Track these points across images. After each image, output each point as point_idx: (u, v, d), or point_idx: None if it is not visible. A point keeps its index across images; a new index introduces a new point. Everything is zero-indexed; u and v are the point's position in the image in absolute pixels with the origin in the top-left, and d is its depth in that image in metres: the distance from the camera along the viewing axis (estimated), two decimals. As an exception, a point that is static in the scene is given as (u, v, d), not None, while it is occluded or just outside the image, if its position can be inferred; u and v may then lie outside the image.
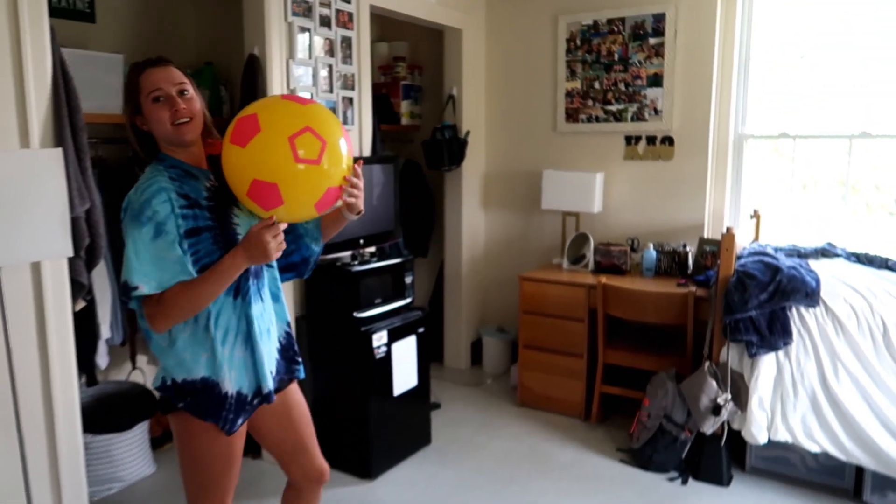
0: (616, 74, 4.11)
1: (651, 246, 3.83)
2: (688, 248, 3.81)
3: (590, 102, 4.22)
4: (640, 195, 4.12)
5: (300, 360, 1.97)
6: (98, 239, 2.46)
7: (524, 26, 4.40)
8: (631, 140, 4.12)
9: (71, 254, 2.07)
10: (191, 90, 1.71)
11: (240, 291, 1.75)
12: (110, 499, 2.95)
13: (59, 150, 2.02)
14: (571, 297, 3.73)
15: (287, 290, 3.16)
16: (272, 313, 1.86)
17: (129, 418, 3.03)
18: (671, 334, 3.67)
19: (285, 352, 1.92)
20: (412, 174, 4.60)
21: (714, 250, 3.64)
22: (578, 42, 4.20)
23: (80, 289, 2.44)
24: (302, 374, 1.97)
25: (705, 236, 3.91)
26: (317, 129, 1.57)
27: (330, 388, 3.19)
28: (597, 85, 4.18)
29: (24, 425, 2.18)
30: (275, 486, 3.07)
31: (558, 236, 4.37)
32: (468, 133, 4.34)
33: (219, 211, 1.72)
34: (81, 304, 2.53)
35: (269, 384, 1.80)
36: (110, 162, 3.15)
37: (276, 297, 1.89)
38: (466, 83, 4.39)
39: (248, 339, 1.76)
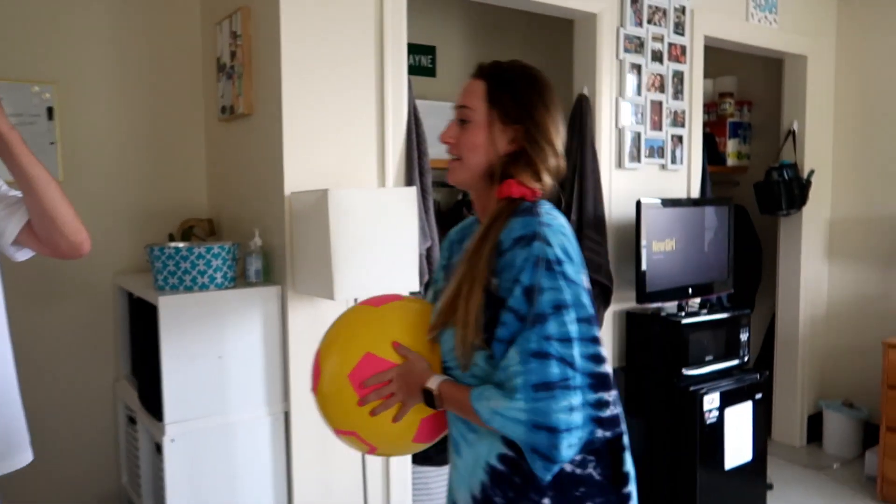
0: None
1: None
2: None
3: (984, 131, 3.38)
4: None
5: None
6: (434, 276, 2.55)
7: (885, 48, 3.73)
8: None
9: (418, 288, 2.15)
10: (477, 116, 1.26)
11: None
12: (426, 531, 3.02)
13: (414, 189, 2.13)
14: (962, 375, 2.95)
15: (605, 337, 2.99)
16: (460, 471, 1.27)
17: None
18: None
19: None
20: (739, 220, 4.13)
21: None
22: (968, 59, 3.42)
23: (418, 323, 2.54)
24: None
25: None
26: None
27: (649, 451, 2.91)
28: None
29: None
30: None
31: (934, 297, 3.53)
32: (812, 173, 3.77)
33: None
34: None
35: None
36: (442, 206, 3.32)
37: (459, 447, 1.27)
38: (810, 117, 3.84)
39: None
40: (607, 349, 2.96)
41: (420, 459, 2.99)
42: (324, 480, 2.32)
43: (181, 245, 2.16)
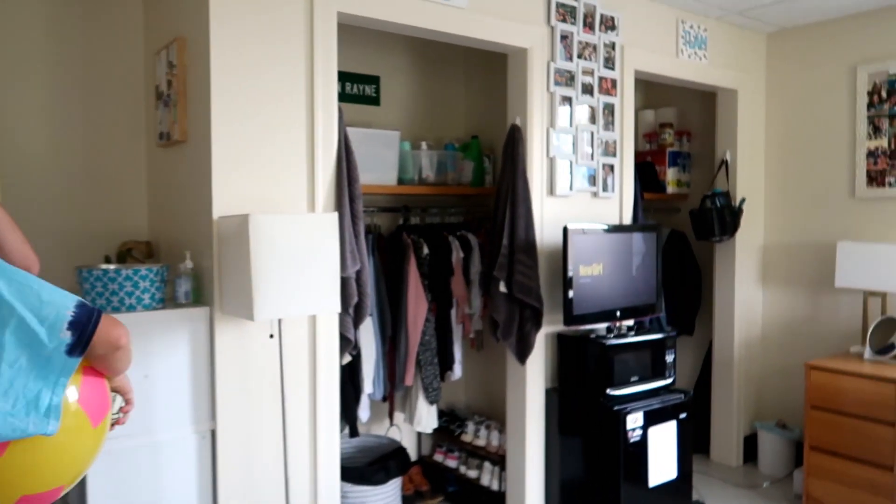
0: (936, 129, 3.44)
1: None
2: None
3: (900, 163, 3.57)
4: (975, 274, 3.32)
5: None
6: (365, 298, 2.63)
7: (812, 82, 3.93)
8: (959, 206, 3.37)
9: (338, 310, 2.23)
10: None
11: None
12: (362, 550, 3.05)
13: (335, 215, 2.22)
14: (876, 394, 3.08)
15: (537, 359, 3.08)
16: None
17: (385, 473, 3.14)
18: None
19: None
20: (678, 246, 4.28)
21: None
22: (884, 94, 3.61)
23: (347, 343, 2.62)
24: None
25: None
26: None
27: (578, 469, 2.99)
28: (909, 142, 3.53)
29: (290, 462, 2.36)
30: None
31: (857, 320, 3.68)
32: (743, 200, 3.93)
33: None
34: (347, 359, 2.71)
35: None
36: (383, 230, 3.42)
37: None
38: (742, 147, 4.02)
39: None
40: (539, 370, 3.07)
41: (355, 479, 3.05)
42: (250, 497, 2.37)
43: (110, 267, 2.22)
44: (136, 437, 2.16)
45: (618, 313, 3.11)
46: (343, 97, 2.56)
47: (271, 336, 2.35)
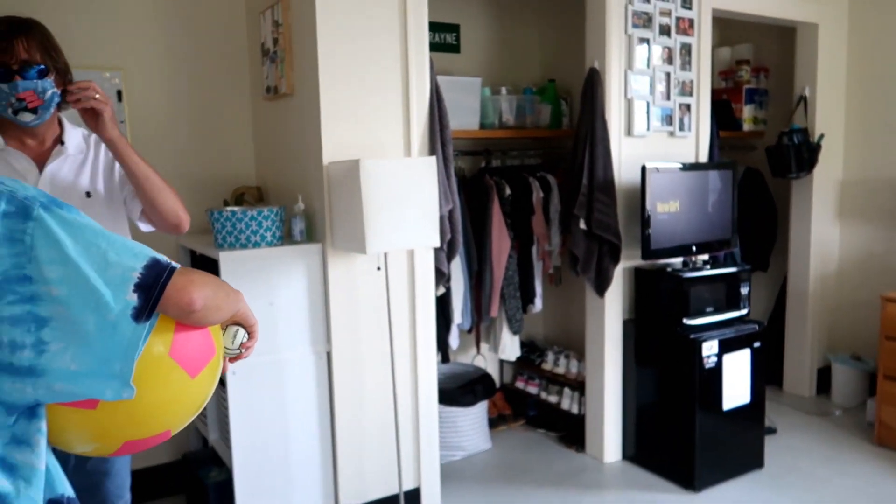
0: None
1: None
2: None
3: None
4: None
5: None
6: (457, 235, 2.87)
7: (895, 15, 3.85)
8: None
9: (437, 245, 2.47)
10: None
11: None
12: (454, 464, 3.38)
13: (433, 158, 2.44)
14: (953, 325, 3.15)
15: (615, 292, 3.27)
16: None
17: (473, 396, 3.43)
18: None
19: None
20: (754, 183, 4.33)
21: None
22: (975, 23, 3.53)
23: (441, 276, 2.87)
24: None
25: None
26: None
27: (656, 395, 3.20)
28: None
29: (397, 385, 2.66)
30: (594, 480, 3.19)
31: (938, 254, 3.70)
32: (822, 137, 3.94)
33: None
34: (441, 290, 2.97)
35: None
36: (466, 172, 3.62)
37: None
38: (821, 83, 4.00)
39: None
40: (616, 302, 3.26)
41: (447, 401, 3.35)
42: (361, 410, 2.69)
43: (236, 209, 2.52)
44: (265, 355, 2.49)
45: (693, 248, 3.25)
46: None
47: (378, 268, 2.62)
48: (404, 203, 2.37)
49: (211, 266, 2.49)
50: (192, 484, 2.86)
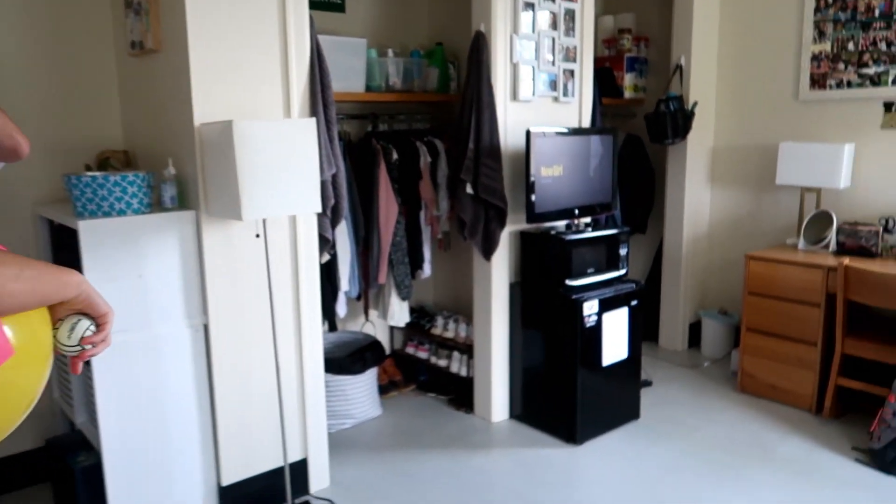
0: (876, 33, 3.64)
1: (910, 227, 3.36)
2: (959, 231, 3.28)
3: (841, 66, 3.78)
4: (900, 170, 3.62)
5: None
6: (341, 200, 2.79)
7: (765, -13, 4.07)
8: (892, 107, 3.63)
9: (319, 210, 2.39)
10: None
11: None
12: (344, 433, 3.36)
13: (313, 120, 2.34)
14: (806, 280, 3.42)
15: (501, 256, 3.32)
16: None
17: (362, 364, 3.40)
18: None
19: None
20: (634, 149, 4.50)
21: None
22: (830, 0, 3.78)
23: (325, 243, 2.80)
24: None
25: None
26: None
27: (540, 354, 3.29)
28: (850, 46, 3.73)
29: (280, 359, 2.58)
30: (483, 440, 3.27)
31: (794, 215, 4.00)
32: (695, 104, 4.13)
33: None
34: (326, 257, 2.90)
35: None
36: (352, 136, 3.53)
37: None
38: (696, 52, 4.18)
39: None
40: (503, 266, 3.31)
41: (336, 369, 3.30)
42: (243, 386, 2.60)
43: (97, 174, 2.32)
44: (135, 332, 2.34)
45: (576, 211, 3.34)
46: (310, 4, 2.61)
47: (257, 236, 2.51)
48: (283, 167, 2.27)
49: (71, 238, 2.30)
50: (58, 471, 2.68)
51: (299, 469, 2.78)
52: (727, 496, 2.75)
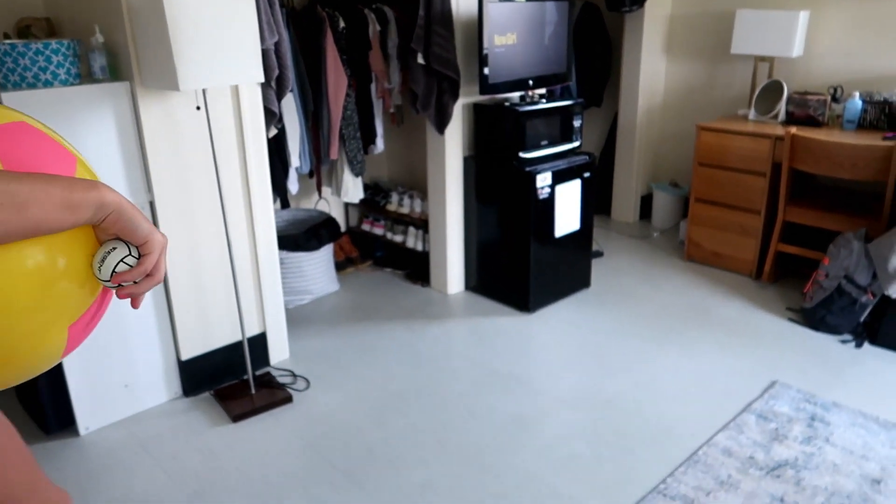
0: None
1: (857, 95, 3.39)
2: (903, 98, 3.33)
3: (802, -74, 3.66)
4: (852, 37, 3.61)
5: None
6: (286, 70, 2.67)
7: None
8: (849, -29, 3.56)
9: (262, 80, 2.28)
10: None
11: None
12: (303, 308, 3.41)
13: (249, -20, 2.18)
14: (754, 150, 3.47)
15: (455, 129, 3.26)
16: None
17: (318, 241, 3.40)
18: (863, 193, 3.32)
19: None
20: (590, 18, 4.36)
21: (936, 99, 3.15)
22: None
23: (272, 116, 2.70)
24: None
25: (929, 84, 3.39)
26: None
27: (494, 227, 3.33)
28: None
29: (231, 236, 2.55)
30: (439, 311, 3.36)
31: (747, 86, 4.00)
32: (654, -32, 3.98)
33: None
34: (273, 131, 2.81)
35: None
36: (296, 3, 3.32)
37: None
38: (657, -90, 3.98)
39: None
40: (456, 139, 3.26)
41: (291, 246, 3.30)
42: (194, 263, 2.58)
43: (17, 42, 2.16)
44: (77, 210, 2.26)
45: (530, 82, 3.27)
46: None
47: (198, 108, 2.40)
48: (219, 33, 2.13)
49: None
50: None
51: (259, 343, 2.83)
52: (670, 356, 2.91)
